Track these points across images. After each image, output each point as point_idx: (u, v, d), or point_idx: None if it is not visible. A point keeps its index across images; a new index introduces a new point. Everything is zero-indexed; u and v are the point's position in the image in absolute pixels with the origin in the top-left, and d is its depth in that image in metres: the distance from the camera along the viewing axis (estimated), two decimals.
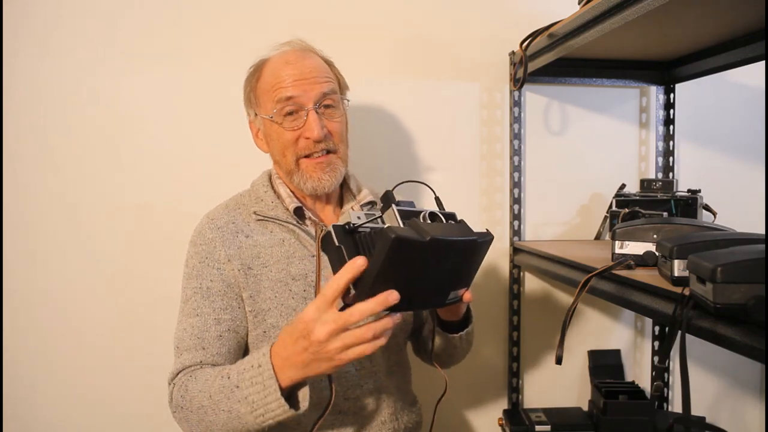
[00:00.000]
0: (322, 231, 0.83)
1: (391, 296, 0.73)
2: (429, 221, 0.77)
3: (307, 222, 1.07)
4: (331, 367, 0.79)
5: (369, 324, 0.75)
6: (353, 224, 0.82)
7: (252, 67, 1.10)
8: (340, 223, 0.82)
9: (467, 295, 0.88)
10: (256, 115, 1.10)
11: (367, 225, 0.81)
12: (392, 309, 0.75)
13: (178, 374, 0.98)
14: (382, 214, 0.78)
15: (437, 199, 0.90)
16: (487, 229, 0.84)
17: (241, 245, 1.04)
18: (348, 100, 1.12)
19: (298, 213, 1.06)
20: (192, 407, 0.92)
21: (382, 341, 0.76)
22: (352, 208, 1.13)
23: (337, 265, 0.79)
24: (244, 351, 1.05)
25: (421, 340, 1.19)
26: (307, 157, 1.04)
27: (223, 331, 1.01)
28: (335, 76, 1.10)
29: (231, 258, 1.03)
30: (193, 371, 0.96)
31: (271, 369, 0.84)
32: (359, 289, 0.75)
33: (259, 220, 1.06)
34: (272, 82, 1.04)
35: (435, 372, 1.10)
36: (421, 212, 0.78)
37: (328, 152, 1.05)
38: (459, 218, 0.84)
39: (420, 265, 0.74)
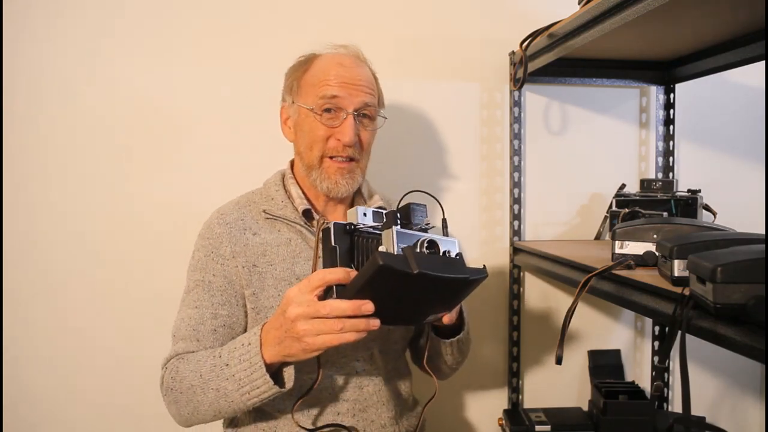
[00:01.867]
0: (323, 223, 0.85)
1: (365, 306, 0.76)
2: (426, 249, 0.78)
3: (315, 224, 1.08)
4: (301, 350, 0.82)
5: (341, 318, 0.78)
6: (354, 225, 0.84)
7: (302, 57, 1.11)
8: (344, 222, 0.84)
9: (446, 318, 0.89)
10: (293, 102, 1.10)
11: (368, 228, 0.83)
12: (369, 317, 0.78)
13: (171, 360, 1.00)
14: (382, 230, 0.79)
15: (444, 221, 0.91)
16: (484, 265, 0.83)
17: (248, 242, 1.05)
18: (385, 118, 1.13)
19: (307, 215, 1.07)
20: (182, 388, 0.94)
21: (349, 336, 0.78)
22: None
23: (328, 263, 0.83)
24: None
25: (418, 349, 1.19)
26: (332, 158, 1.06)
27: (218, 326, 1.02)
28: (378, 90, 1.12)
29: (236, 255, 1.04)
30: (185, 355, 0.99)
31: (258, 346, 0.87)
32: (342, 293, 0.79)
33: (267, 218, 1.07)
34: (320, 77, 1.05)
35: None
36: (420, 237, 0.79)
37: (351, 160, 1.06)
38: (458, 250, 0.82)
39: (404, 291, 0.77)
